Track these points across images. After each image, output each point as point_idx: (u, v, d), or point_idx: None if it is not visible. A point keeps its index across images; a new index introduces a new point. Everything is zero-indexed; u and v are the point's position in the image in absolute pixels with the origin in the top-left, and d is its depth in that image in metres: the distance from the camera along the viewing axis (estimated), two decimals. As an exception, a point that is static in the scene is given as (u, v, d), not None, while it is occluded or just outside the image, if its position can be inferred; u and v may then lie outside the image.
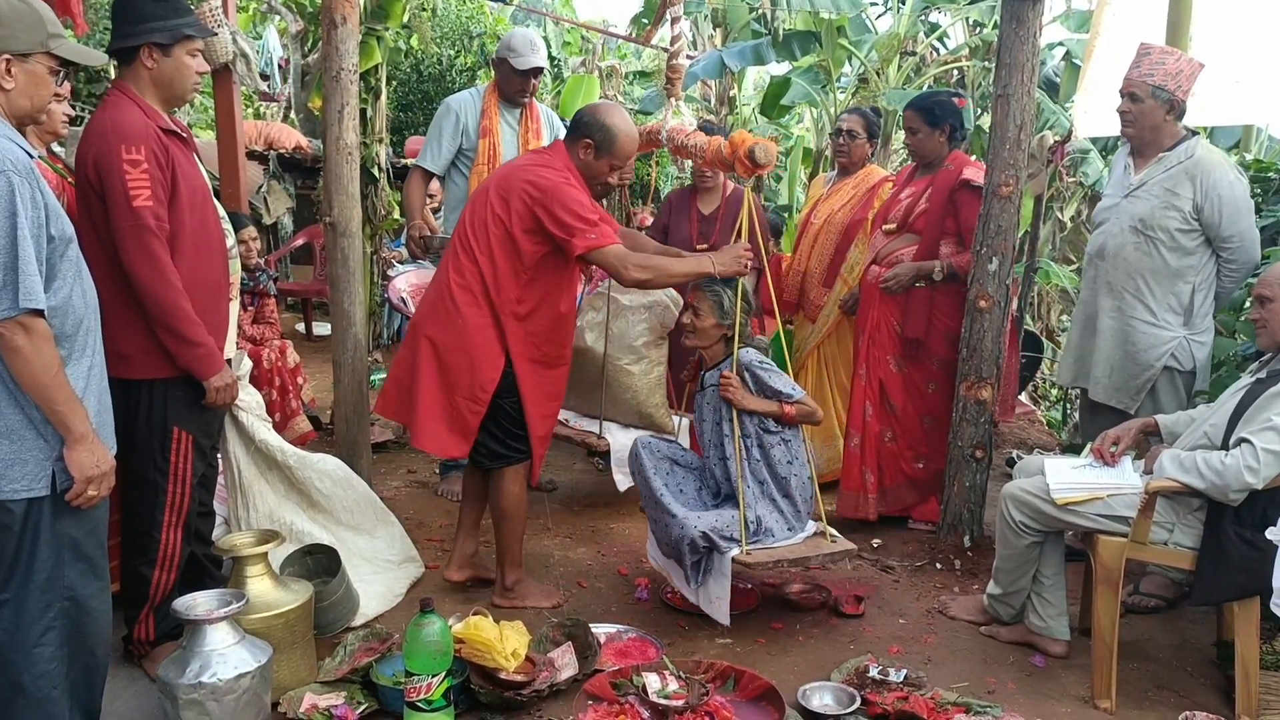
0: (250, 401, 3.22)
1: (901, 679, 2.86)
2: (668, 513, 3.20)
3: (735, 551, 3.09)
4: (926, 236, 4.07)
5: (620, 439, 4.17)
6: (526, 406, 3.31)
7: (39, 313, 2.06)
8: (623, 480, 4.01)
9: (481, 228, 3.22)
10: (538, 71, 4.25)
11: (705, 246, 4.47)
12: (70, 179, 3.04)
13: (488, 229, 3.20)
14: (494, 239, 3.20)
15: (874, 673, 2.89)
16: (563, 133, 4.29)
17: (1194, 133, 3.51)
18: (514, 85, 4.26)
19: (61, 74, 2.34)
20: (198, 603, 2.51)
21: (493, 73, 4.51)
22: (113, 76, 4.73)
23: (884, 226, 4.23)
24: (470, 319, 3.22)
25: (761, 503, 3.22)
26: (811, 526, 3.32)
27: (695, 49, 9.96)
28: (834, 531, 3.31)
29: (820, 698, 2.78)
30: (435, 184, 4.81)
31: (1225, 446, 2.75)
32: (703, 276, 3.24)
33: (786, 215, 8.84)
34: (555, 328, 3.34)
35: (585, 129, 3.26)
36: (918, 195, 4.13)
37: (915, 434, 4.18)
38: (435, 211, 6.82)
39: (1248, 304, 3.96)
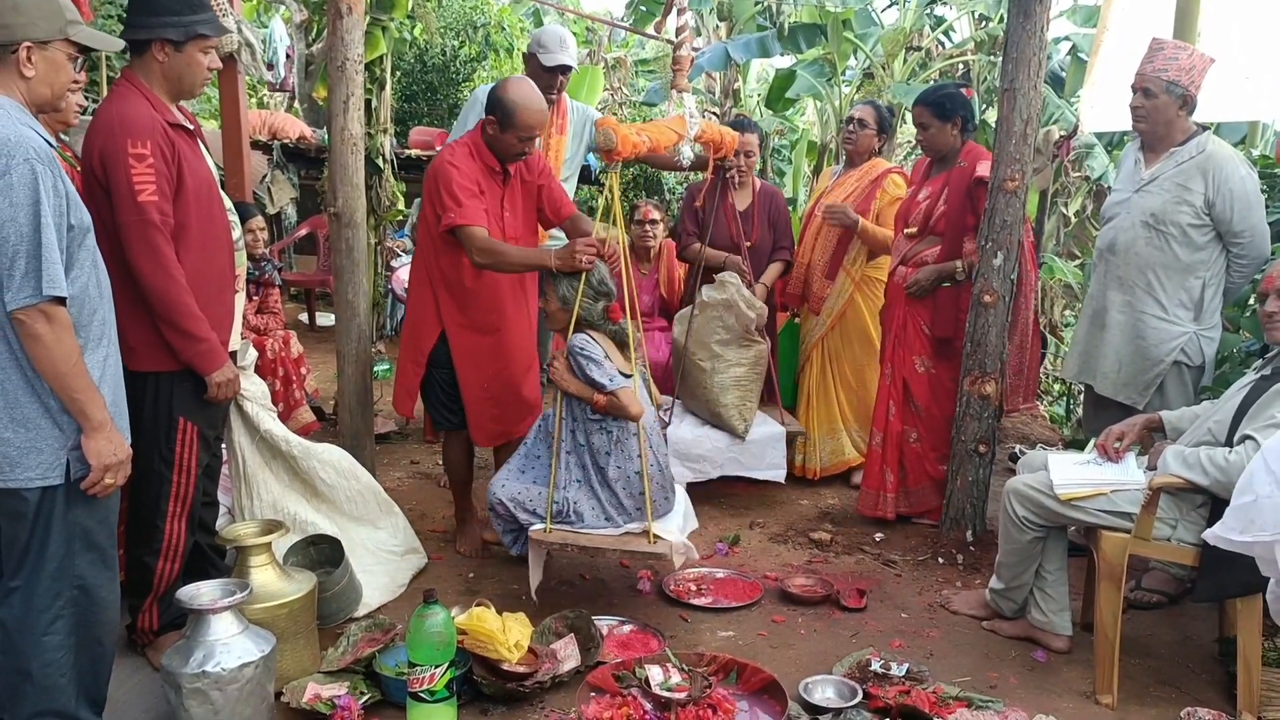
0: (255, 391, 3.22)
1: (903, 673, 2.86)
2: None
3: (537, 526, 3.17)
4: (948, 237, 4.06)
5: (685, 433, 4.24)
6: (458, 371, 3.61)
7: (60, 301, 2.07)
8: (683, 473, 4.17)
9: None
10: (565, 69, 4.23)
11: (750, 244, 4.49)
12: (79, 167, 3.03)
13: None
14: (425, 212, 3.58)
15: (876, 666, 2.89)
16: (590, 123, 4.34)
17: (1204, 128, 3.51)
18: (541, 81, 4.22)
19: (80, 61, 2.34)
20: (201, 592, 2.51)
21: (493, 63, 4.51)
22: (99, 65, 4.73)
23: (906, 230, 4.22)
24: (414, 289, 3.69)
25: (580, 487, 3.21)
26: (638, 525, 3.18)
27: (699, 37, 9.93)
28: (661, 535, 3.15)
29: (822, 691, 2.78)
30: None
31: (1230, 443, 2.74)
32: (542, 268, 3.32)
33: (791, 207, 8.83)
34: (474, 296, 3.58)
35: (489, 106, 3.47)
36: (935, 196, 4.11)
37: (939, 434, 4.14)
38: None
39: (1253, 300, 3.95)
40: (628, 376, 3.20)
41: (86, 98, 3.49)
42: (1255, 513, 2.09)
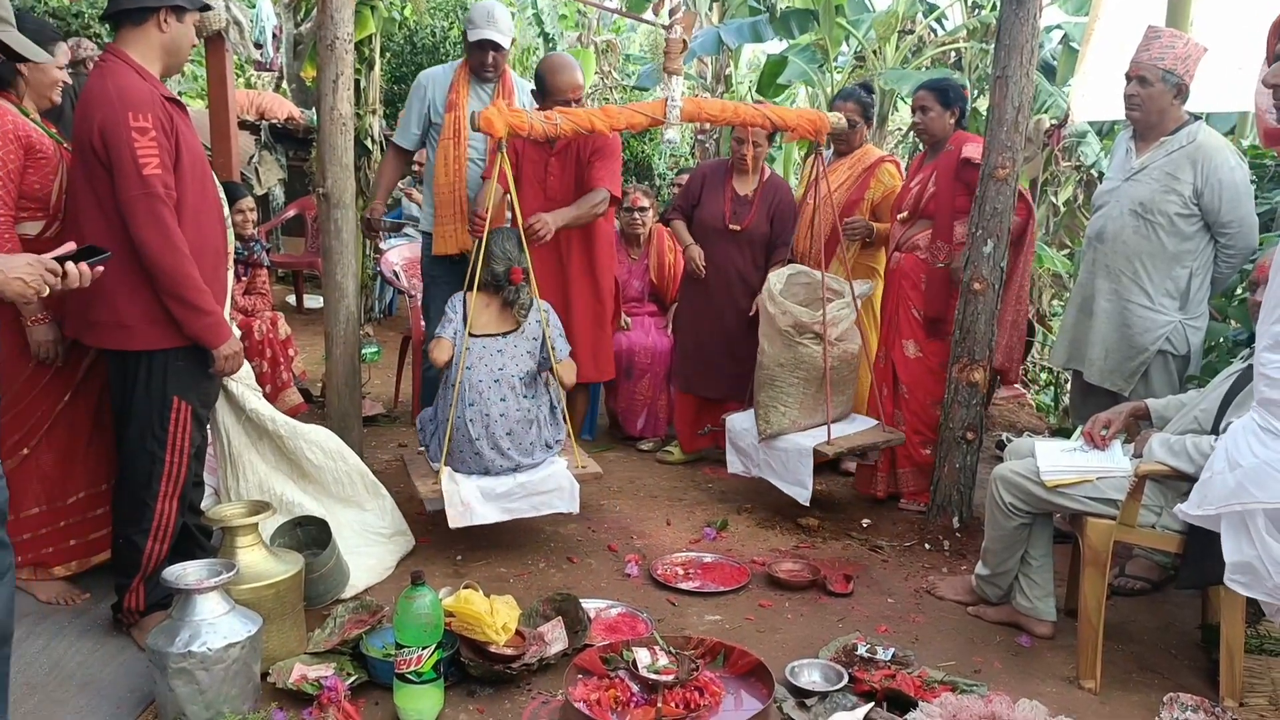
0: (241, 371, 3.20)
1: (889, 657, 2.88)
2: None
3: (420, 449, 3.80)
4: (939, 219, 4.11)
5: (738, 422, 4.21)
6: None
7: None
8: (733, 461, 4.21)
9: None
10: (494, 46, 4.20)
11: (738, 228, 4.48)
12: (65, 144, 3.00)
13: None
14: None
15: (862, 651, 2.90)
16: (529, 103, 4.35)
17: (1196, 117, 3.51)
18: (473, 59, 4.25)
19: (64, 43, 2.29)
20: (188, 572, 2.50)
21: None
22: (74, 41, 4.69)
23: (899, 216, 4.29)
24: None
25: (440, 424, 3.65)
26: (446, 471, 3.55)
27: (697, 26, 9.89)
28: (446, 484, 3.44)
29: (809, 675, 2.79)
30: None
31: (1215, 431, 2.75)
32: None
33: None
34: None
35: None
36: (925, 181, 4.19)
37: (923, 418, 4.20)
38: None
39: (1240, 289, 3.97)
40: (492, 335, 3.62)
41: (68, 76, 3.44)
42: (1209, 488, 2.13)
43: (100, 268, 2.33)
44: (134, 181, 2.53)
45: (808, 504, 3.95)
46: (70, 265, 2.24)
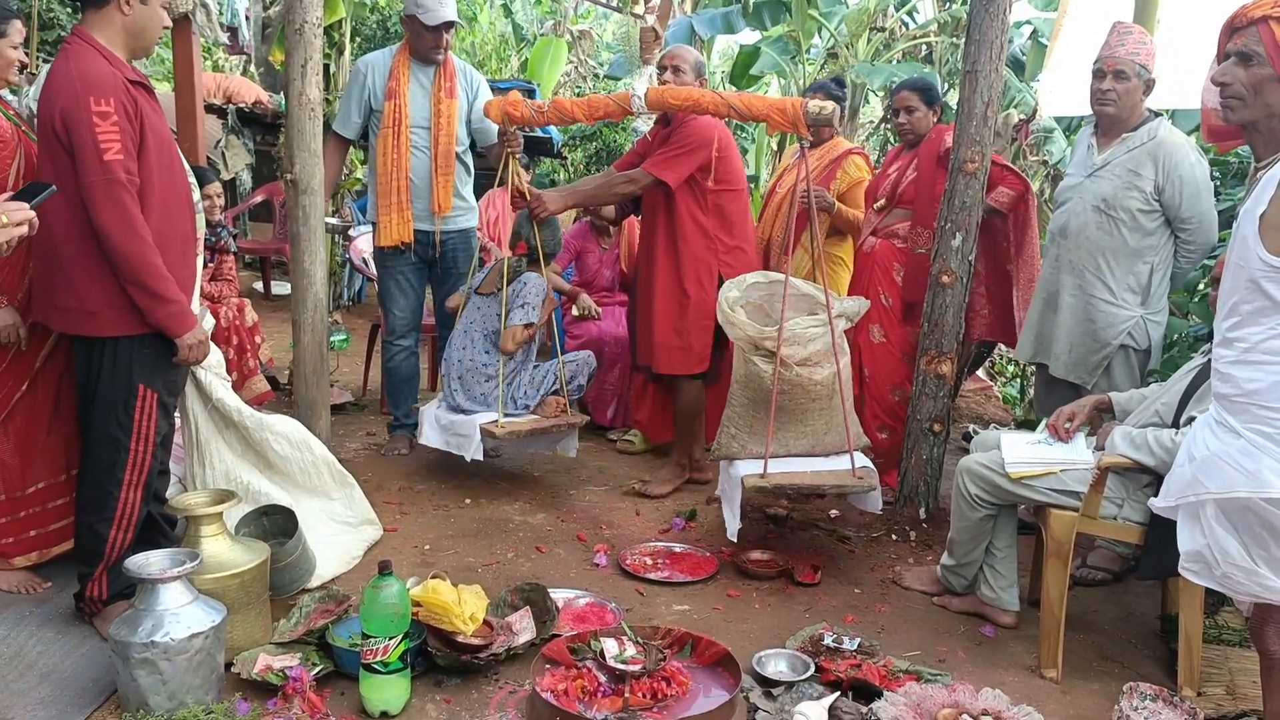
0: (210, 359, 3.16)
1: (855, 647, 2.90)
2: None
3: None
4: (919, 204, 4.15)
5: None
6: None
7: None
8: (726, 480, 3.89)
9: None
10: (449, 26, 4.15)
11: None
12: (23, 127, 2.95)
13: None
14: None
15: (828, 640, 2.92)
16: (480, 87, 4.30)
17: (1157, 114, 3.55)
18: (425, 43, 4.16)
19: (19, 20, 2.24)
20: (151, 561, 2.47)
21: (456, 31, 4.43)
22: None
23: (875, 204, 4.33)
24: None
25: None
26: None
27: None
28: (429, 405, 4.21)
29: (775, 664, 2.81)
30: None
31: (1176, 425, 2.80)
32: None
33: (753, 185, 8.85)
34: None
35: None
36: (904, 169, 4.23)
37: (882, 403, 4.26)
38: None
39: (1203, 284, 4.03)
40: (484, 294, 4.18)
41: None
42: (1171, 481, 2.20)
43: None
44: (94, 167, 2.49)
45: (734, 539, 3.53)
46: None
